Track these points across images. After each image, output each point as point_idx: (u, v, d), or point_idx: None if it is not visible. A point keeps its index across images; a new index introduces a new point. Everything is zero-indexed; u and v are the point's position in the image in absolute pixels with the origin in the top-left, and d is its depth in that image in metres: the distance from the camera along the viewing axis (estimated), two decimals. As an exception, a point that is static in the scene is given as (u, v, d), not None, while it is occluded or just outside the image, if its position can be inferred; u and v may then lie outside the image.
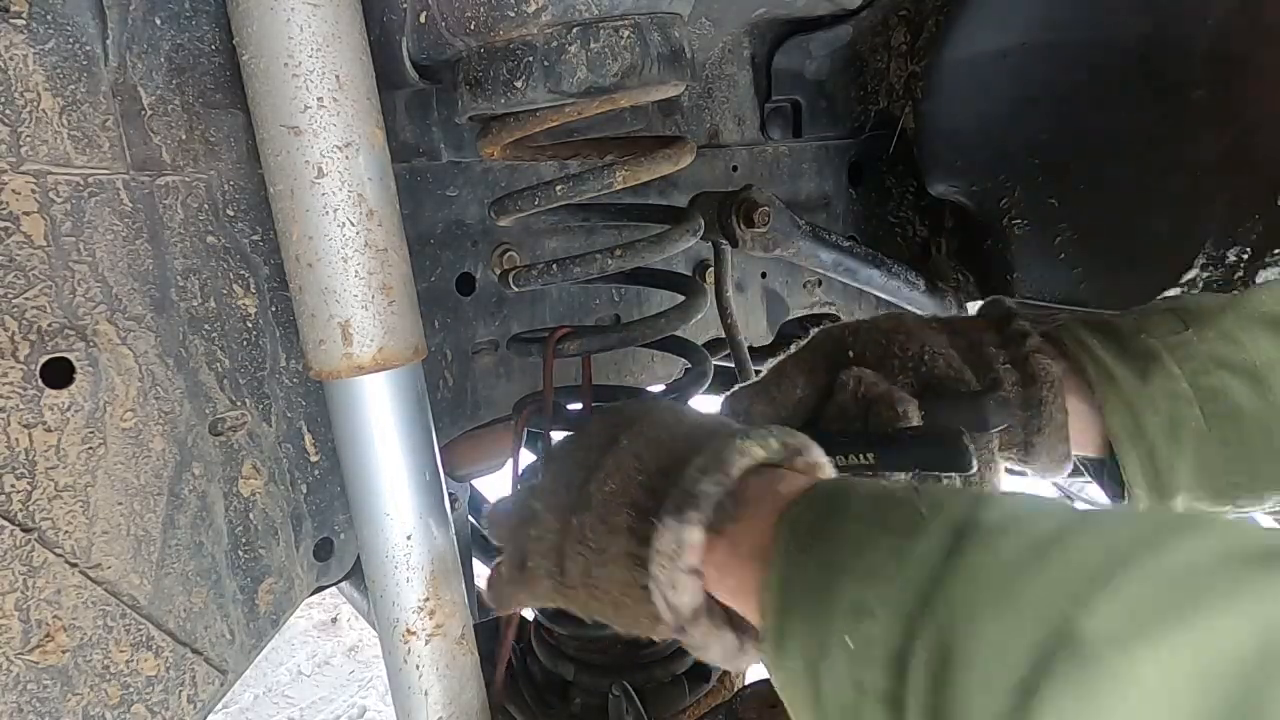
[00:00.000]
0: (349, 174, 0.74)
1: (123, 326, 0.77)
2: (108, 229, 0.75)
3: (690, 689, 1.07)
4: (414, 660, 0.84)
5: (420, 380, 0.83)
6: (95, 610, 0.76)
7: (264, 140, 0.75)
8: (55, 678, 0.74)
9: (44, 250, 0.72)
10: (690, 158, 0.87)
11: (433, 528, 0.84)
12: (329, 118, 0.73)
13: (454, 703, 0.86)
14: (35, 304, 0.72)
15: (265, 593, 0.88)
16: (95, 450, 0.75)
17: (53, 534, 0.73)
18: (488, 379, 1.12)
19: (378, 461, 0.80)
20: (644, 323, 0.95)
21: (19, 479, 0.71)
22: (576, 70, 0.72)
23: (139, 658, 0.79)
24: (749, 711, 0.90)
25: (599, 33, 0.71)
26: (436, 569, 0.84)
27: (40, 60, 0.70)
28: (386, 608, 0.83)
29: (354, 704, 3.41)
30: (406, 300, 0.79)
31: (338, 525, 0.94)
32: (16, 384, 0.71)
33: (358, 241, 0.75)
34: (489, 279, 1.10)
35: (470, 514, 1.47)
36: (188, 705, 0.82)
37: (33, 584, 0.72)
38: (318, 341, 0.77)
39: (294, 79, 0.72)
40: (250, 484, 0.86)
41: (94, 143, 0.74)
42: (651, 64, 0.74)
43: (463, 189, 1.06)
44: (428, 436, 0.83)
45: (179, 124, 0.79)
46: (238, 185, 0.84)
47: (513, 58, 0.73)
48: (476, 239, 1.08)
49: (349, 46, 0.74)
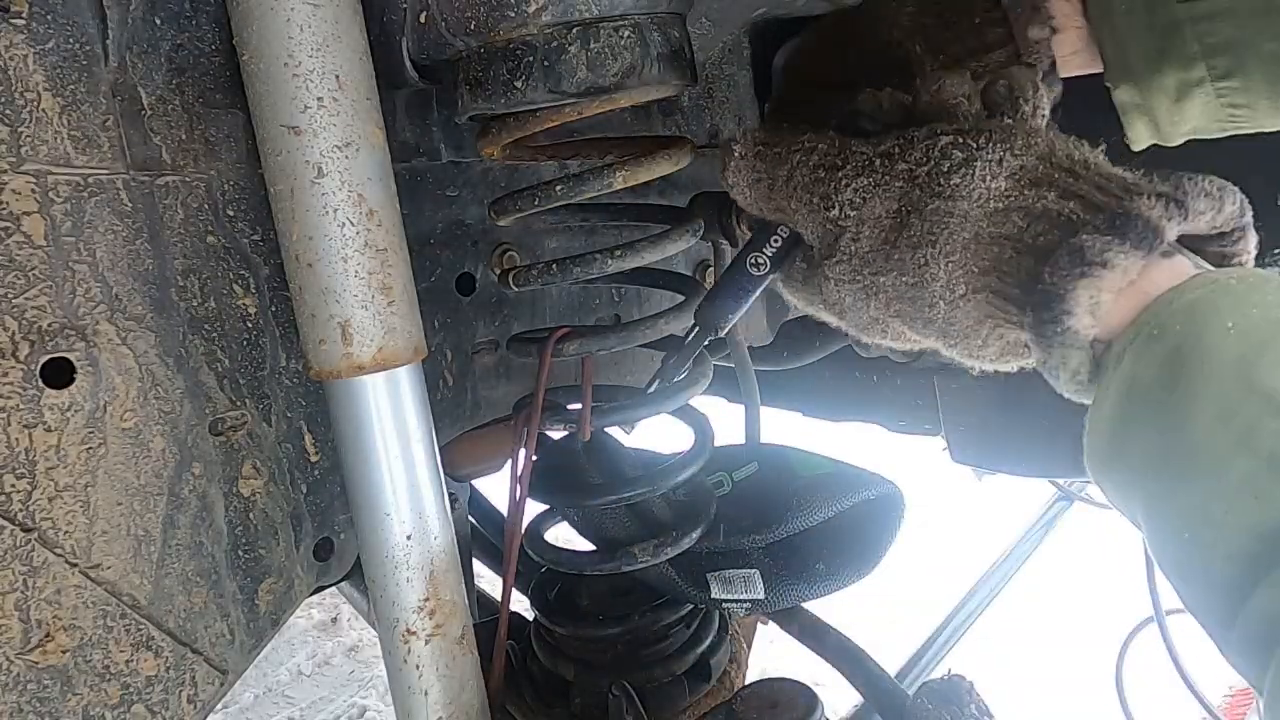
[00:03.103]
0: (349, 174, 0.74)
1: (123, 326, 0.77)
2: (108, 229, 0.75)
3: (690, 689, 1.07)
4: (414, 660, 0.84)
5: (420, 380, 0.83)
6: (95, 610, 0.76)
7: (264, 140, 0.75)
8: (55, 678, 0.74)
9: (44, 250, 0.72)
10: (690, 158, 0.87)
11: (433, 528, 0.84)
12: (329, 118, 0.73)
13: (454, 703, 0.86)
14: (35, 304, 0.71)
15: (265, 593, 0.88)
16: (95, 450, 0.75)
17: (53, 534, 0.73)
18: (488, 379, 1.12)
19: (378, 461, 0.80)
20: (644, 323, 0.95)
21: (19, 479, 0.71)
22: (576, 70, 0.72)
23: (139, 658, 0.79)
24: (749, 711, 0.90)
25: (599, 33, 0.71)
26: (436, 569, 0.84)
27: (40, 60, 0.70)
28: (386, 608, 0.83)
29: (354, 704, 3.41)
30: (406, 300, 0.79)
31: (338, 525, 0.94)
32: (16, 384, 0.71)
33: (358, 241, 0.75)
34: (489, 279, 1.10)
35: (470, 514, 1.47)
36: (188, 705, 0.82)
37: (33, 584, 0.72)
38: (318, 341, 0.77)
39: (294, 79, 0.72)
40: (250, 484, 0.86)
41: (94, 143, 0.74)
42: (651, 64, 0.74)
43: (463, 189, 1.06)
44: (428, 436, 0.83)
45: (179, 124, 0.79)
46: (238, 185, 0.84)
47: (513, 58, 0.73)
48: (476, 239, 1.08)
49: (349, 46, 0.74)
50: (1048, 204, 0.57)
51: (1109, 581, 3.39)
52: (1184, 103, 0.73)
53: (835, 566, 1.07)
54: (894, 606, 3.55)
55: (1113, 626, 2.38)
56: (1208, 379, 0.46)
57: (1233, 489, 0.44)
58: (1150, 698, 2.35)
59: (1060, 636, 3.56)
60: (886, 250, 0.63)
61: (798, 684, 0.92)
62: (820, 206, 0.67)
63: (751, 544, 1.06)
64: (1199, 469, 0.46)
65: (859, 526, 1.10)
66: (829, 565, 1.06)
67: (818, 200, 0.67)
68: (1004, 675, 3.03)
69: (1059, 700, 3.19)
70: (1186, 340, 0.48)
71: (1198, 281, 0.52)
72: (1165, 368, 0.49)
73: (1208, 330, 0.48)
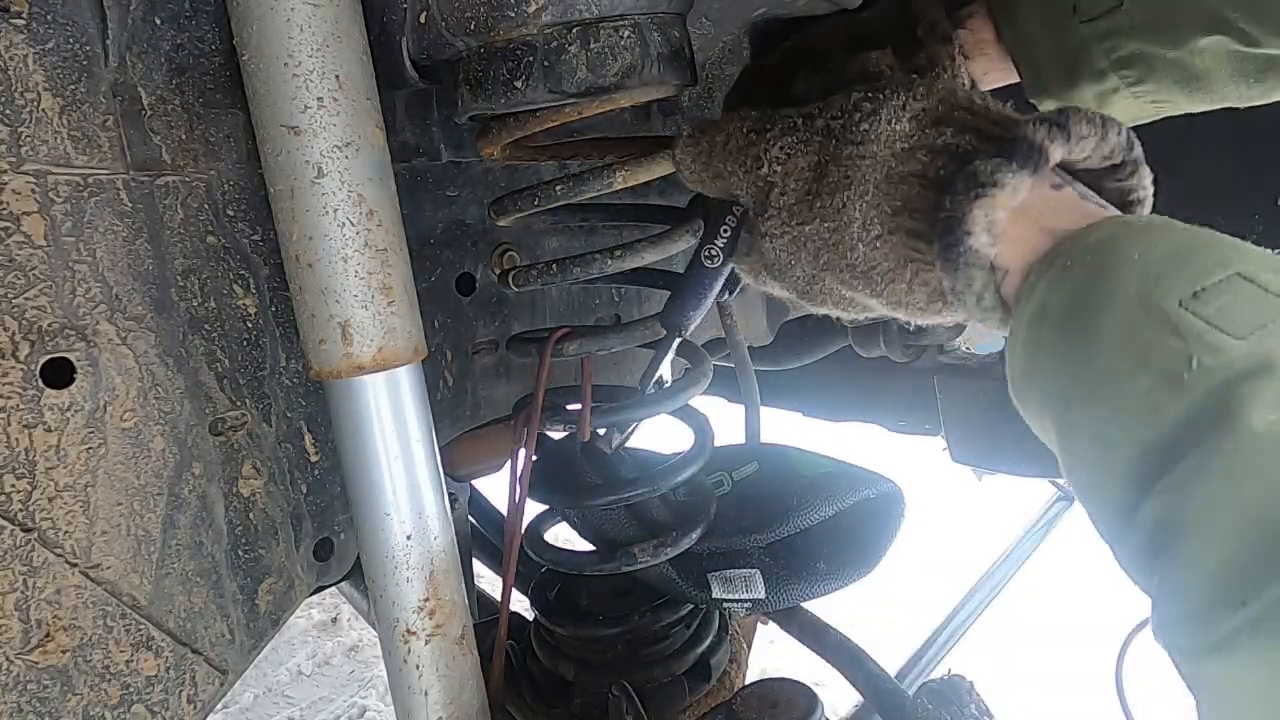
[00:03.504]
0: (349, 174, 0.74)
1: (123, 326, 0.77)
2: (108, 229, 0.75)
3: (690, 689, 1.07)
4: (414, 660, 0.84)
5: (420, 380, 0.83)
6: (95, 610, 0.76)
7: (264, 140, 0.75)
8: (55, 678, 0.74)
9: (44, 250, 0.72)
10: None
11: (433, 528, 0.84)
12: (329, 118, 0.73)
13: (454, 703, 0.86)
14: (35, 304, 0.71)
15: (265, 593, 0.88)
16: (95, 450, 0.75)
17: (53, 534, 0.73)
18: (488, 379, 1.12)
19: (378, 461, 0.80)
20: (644, 323, 0.95)
21: (19, 479, 0.71)
22: (576, 70, 0.72)
23: (139, 658, 0.79)
24: (749, 711, 0.90)
25: (599, 33, 0.72)
26: (436, 569, 0.84)
27: (40, 60, 0.70)
28: (386, 608, 0.83)
29: (354, 704, 3.41)
30: (406, 300, 0.79)
31: (338, 525, 0.94)
32: (16, 384, 0.71)
33: (358, 241, 0.75)
34: (489, 279, 1.10)
35: (470, 514, 1.47)
36: (188, 705, 0.82)
37: (33, 584, 0.72)
38: (318, 341, 0.77)
39: (294, 79, 0.72)
40: (250, 484, 0.86)
41: (94, 143, 0.74)
42: (651, 64, 0.74)
43: (463, 189, 1.06)
44: (428, 436, 0.83)
45: (179, 124, 0.79)
46: (238, 185, 0.84)
47: (513, 58, 0.73)
48: (476, 239, 1.08)
49: (349, 46, 0.74)
50: (946, 140, 0.62)
51: (1109, 581, 3.39)
52: (1106, 106, 0.78)
53: (836, 565, 1.07)
54: (894, 606, 3.55)
55: (1113, 626, 2.38)
56: (1111, 305, 0.49)
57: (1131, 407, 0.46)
58: (1150, 698, 2.35)
59: (1060, 636, 3.56)
60: (810, 200, 0.68)
61: (798, 684, 0.92)
62: (752, 166, 0.72)
63: (752, 543, 1.06)
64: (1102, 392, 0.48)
65: (860, 525, 1.10)
66: (830, 564, 1.06)
67: (750, 160, 0.72)
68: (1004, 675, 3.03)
69: (1059, 700, 3.19)
70: (1095, 271, 0.51)
71: (1108, 222, 0.56)
72: (1074, 296, 0.52)
73: (1114, 262, 0.50)
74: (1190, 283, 0.46)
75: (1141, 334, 0.46)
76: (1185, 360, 0.43)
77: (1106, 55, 0.75)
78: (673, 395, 0.98)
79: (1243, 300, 0.44)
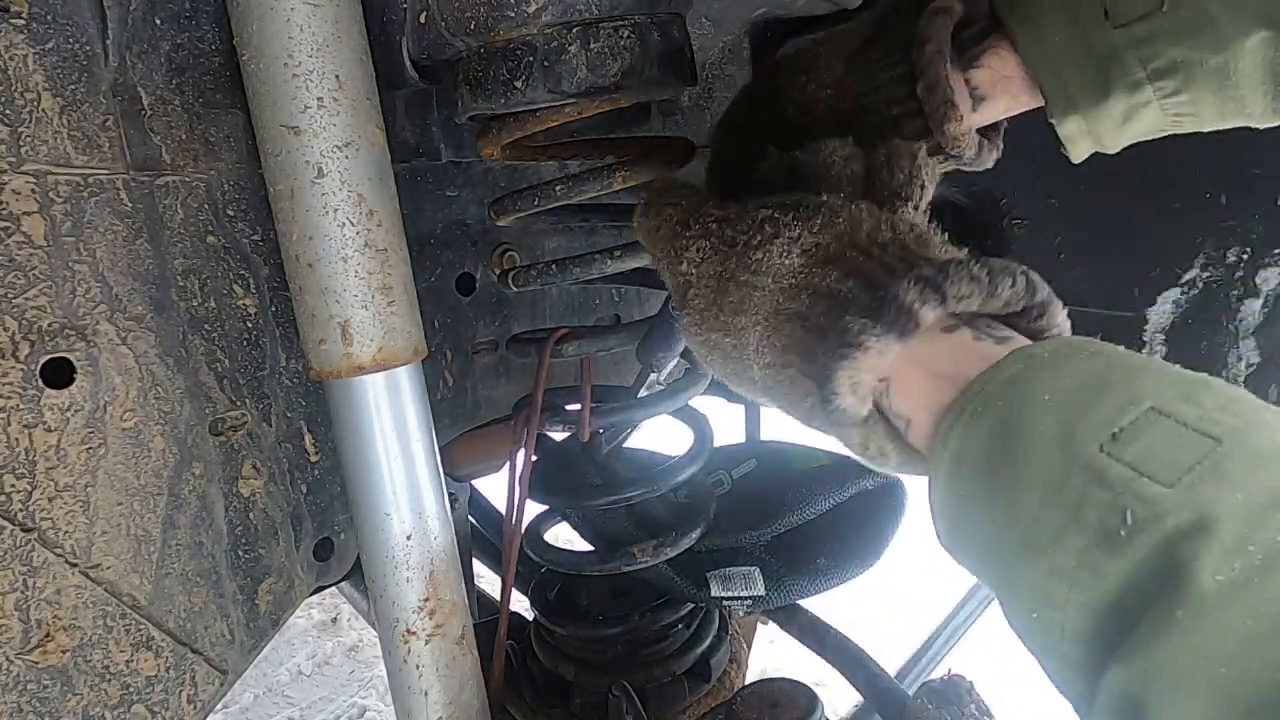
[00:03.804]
0: (349, 174, 0.74)
1: (123, 326, 0.77)
2: (108, 229, 0.75)
3: (690, 689, 1.07)
4: (414, 660, 0.84)
5: (420, 380, 0.83)
6: (95, 610, 0.76)
7: (264, 140, 0.75)
8: (55, 678, 0.74)
9: (44, 250, 0.72)
10: (690, 158, 0.87)
11: (433, 528, 0.84)
12: (329, 118, 0.73)
13: (454, 703, 0.86)
14: (35, 304, 0.71)
15: (265, 593, 0.88)
16: (95, 450, 0.75)
17: (53, 534, 0.73)
18: (488, 379, 1.12)
19: (378, 461, 0.80)
20: (644, 323, 0.95)
21: (19, 479, 0.71)
22: (576, 70, 0.72)
23: (139, 658, 0.79)
24: (749, 711, 0.90)
25: (599, 33, 0.71)
26: (436, 569, 0.84)
27: (40, 60, 0.70)
28: (386, 608, 0.83)
29: (354, 704, 3.40)
30: (406, 300, 0.79)
31: (338, 525, 0.94)
32: (16, 384, 0.71)
33: (358, 241, 0.75)
34: (489, 279, 1.10)
35: (470, 514, 1.47)
36: (188, 705, 0.82)
37: (33, 584, 0.72)
38: (318, 341, 0.77)
39: (294, 79, 0.72)
40: (250, 484, 0.86)
41: (94, 143, 0.74)
42: (651, 64, 0.74)
43: (463, 189, 1.06)
44: (428, 436, 0.83)
45: (179, 124, 0.79)
46: (238, 185, 0.84)
47: (513, 58, 0.73)
48: (476, 239, 1.08)
49: (349, 46, 0.74)
50: (830, 283, 0.58)
51: (1109, 581, 3.38)
52: (1130, 123, 0.73)
53: (838, 559, 1.07)
54: (894, 606, 3.55)
55: (1113, 626, 2.37)
56: (1031, 455, 0.46)
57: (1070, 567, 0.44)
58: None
59: (1060, 636, 3.55)
60: (715, 311, 0.66)
61: (798, 684, 0.92)
62: (674, 261, 0.70)
63: (753, 540, 1.06)
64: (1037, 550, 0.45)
65: (860, 518, 1.10)
66: (831, 558, 1.07)
67: (674, 253, 0.70)
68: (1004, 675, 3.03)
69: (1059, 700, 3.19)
70: (1009, 414, 0.49)
71: (1013, 358, 0.52)
72: (992, 443, 0.49)
73: (1026, 404, 0.48)
74: (1107, 424, 0.44)
75: (1068, 486, 0.44)
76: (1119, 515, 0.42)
77: (1143, 64, 0.68)
78: (672, 396, 0.98)
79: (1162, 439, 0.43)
